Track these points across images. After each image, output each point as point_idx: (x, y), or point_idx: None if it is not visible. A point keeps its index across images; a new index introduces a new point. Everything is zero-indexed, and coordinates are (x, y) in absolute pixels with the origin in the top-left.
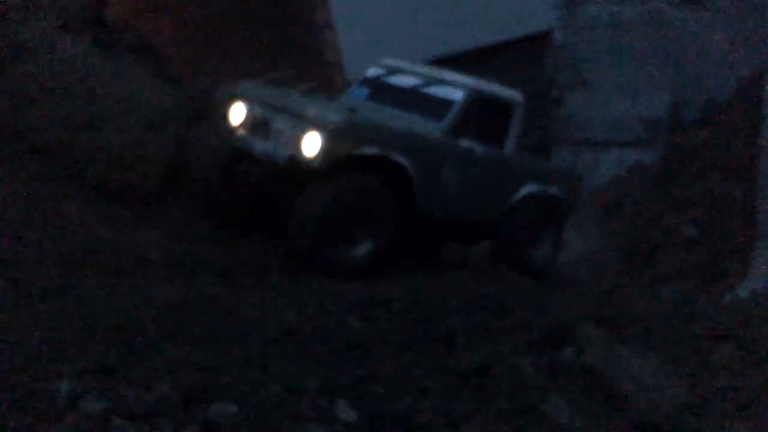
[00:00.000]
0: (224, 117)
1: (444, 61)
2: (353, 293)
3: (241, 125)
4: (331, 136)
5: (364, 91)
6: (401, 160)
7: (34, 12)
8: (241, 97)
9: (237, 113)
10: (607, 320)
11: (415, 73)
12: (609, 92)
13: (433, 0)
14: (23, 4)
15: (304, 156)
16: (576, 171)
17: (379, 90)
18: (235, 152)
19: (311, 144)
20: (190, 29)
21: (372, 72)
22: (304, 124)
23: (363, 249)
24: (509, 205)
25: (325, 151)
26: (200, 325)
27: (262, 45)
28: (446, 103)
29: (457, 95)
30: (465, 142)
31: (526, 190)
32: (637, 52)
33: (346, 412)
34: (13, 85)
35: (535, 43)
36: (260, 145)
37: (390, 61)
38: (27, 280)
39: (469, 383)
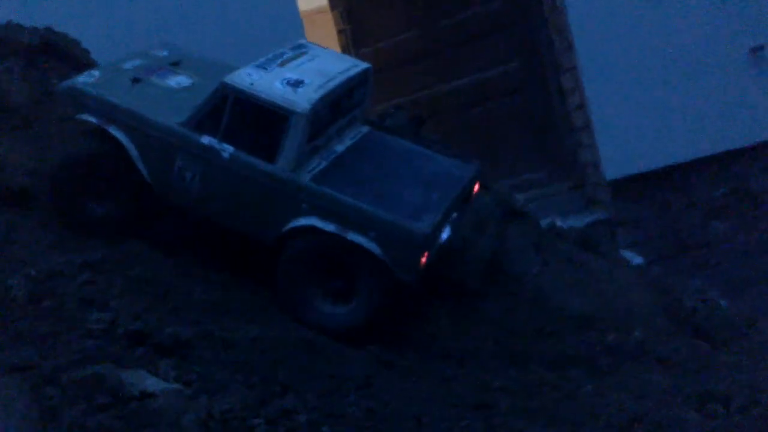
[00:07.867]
0: None
1: (693, 164)
2: (691, 386)
3: None
4: (60, 95)
5: None
6: (118, 135)
7: None
8: None
9: None
10: None
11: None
12: None
13: (689, 101)
14: None
15: None
16: (417, 226)
17: None
18: None
19: None
20: (466, 131)
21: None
22: None
23: (98, 211)
24: (280, 233)
25: (64, 109)
26: (546, 408)
27: (522, 145)
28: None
29: (212, 87)
30: (207, 140)
31: (301, 222)
32: None
33: None
34: None
35: None
36: None
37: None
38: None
39: None
